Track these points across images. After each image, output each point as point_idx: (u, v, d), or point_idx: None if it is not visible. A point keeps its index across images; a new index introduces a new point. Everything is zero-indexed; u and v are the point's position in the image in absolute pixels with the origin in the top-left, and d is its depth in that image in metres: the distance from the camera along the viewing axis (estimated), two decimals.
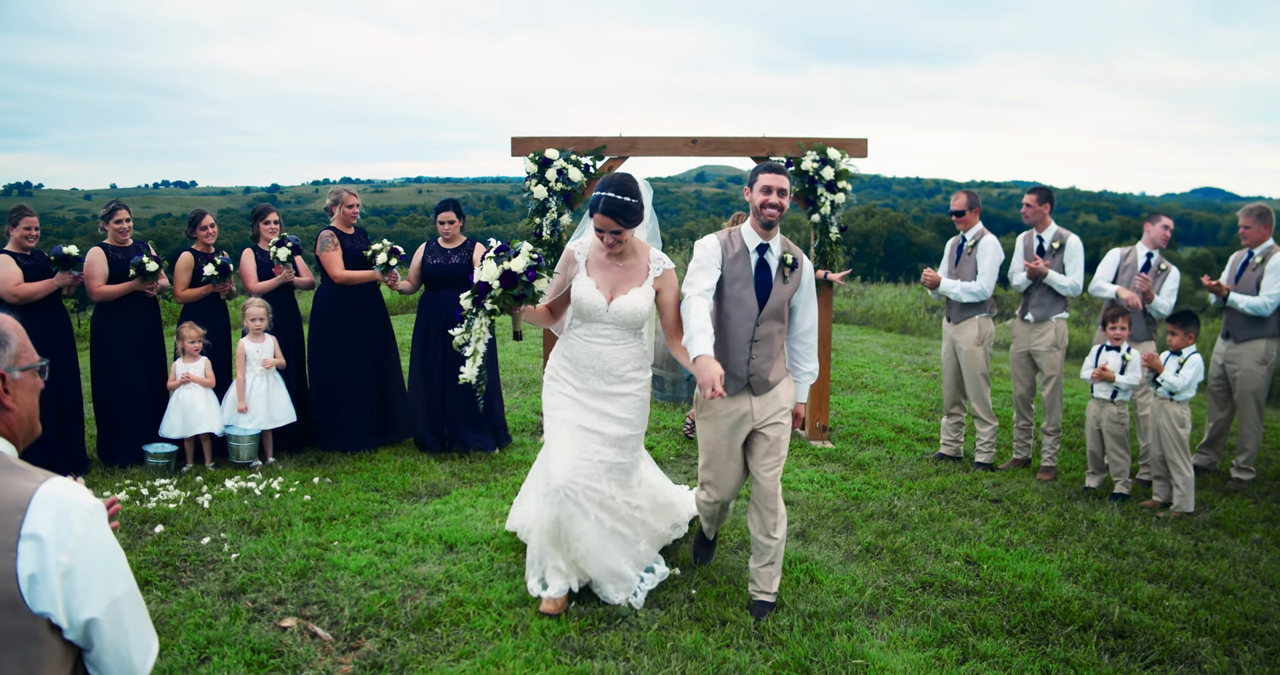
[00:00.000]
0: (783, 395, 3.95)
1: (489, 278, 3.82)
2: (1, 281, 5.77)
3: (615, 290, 3.89)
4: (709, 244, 3.86)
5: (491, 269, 3.83)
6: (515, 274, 3.80)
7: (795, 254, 3.91)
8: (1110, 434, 5.75)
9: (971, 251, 6.22)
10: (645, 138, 6.71)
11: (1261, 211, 6.13)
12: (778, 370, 3.95)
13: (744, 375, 3.87)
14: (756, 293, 3.83)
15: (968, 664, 3.50)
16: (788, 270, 3.86)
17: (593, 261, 3.94)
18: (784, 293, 3.87)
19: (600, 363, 3.93)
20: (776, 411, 3.91)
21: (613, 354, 3.94)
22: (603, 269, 3.92)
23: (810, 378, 4.11)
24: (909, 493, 5.68)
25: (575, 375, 3.98)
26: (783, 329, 3.95)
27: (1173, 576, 4.46)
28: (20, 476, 1.75)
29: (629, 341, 3.98)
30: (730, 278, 3.83)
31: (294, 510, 5.17)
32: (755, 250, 3.85)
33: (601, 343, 3.93)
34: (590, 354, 3.94)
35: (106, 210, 6.39)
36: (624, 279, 3.91)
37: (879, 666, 3.42)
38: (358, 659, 3.53)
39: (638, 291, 3.89)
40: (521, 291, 3.85)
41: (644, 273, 3.94)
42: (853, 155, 6.81)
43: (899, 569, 4.45)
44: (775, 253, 3.86)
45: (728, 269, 3.83)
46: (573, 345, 3.99)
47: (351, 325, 6.43)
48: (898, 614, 3.95)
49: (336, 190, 6.66)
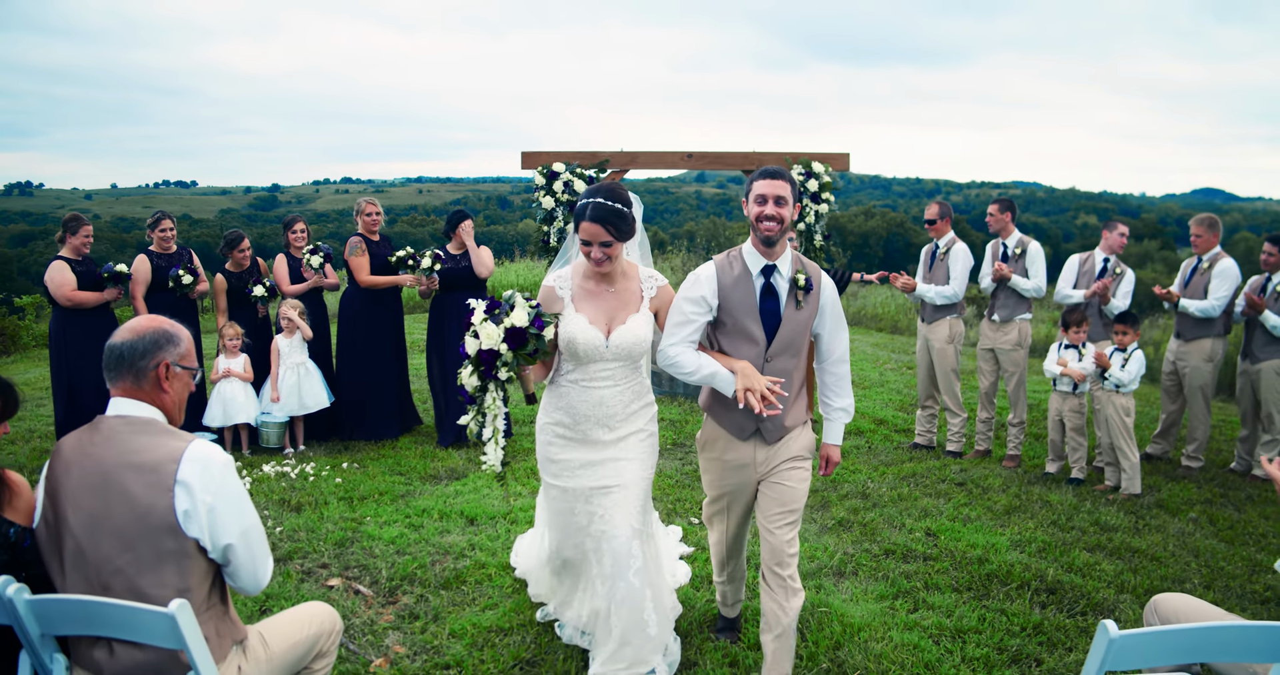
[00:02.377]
0: (796, 442, 3.40)
1: (493, 343, 3.24)
2: (57, 286, 6.37)
3: (612, 321, 3.38)
4: (703, 276, 3.29)
5: (493, 331, 3.25)
6: (522, 329, 3.24)
7: (811, 273, 3.34)
8: (1070, 424, 6.33)
9: (944, 257, 6.80)
10: (645, 152, 7.31)
11: (1211, 221, 6.71)
12: (796, 414, 3.39)
13: (753, 421, 3.32)
14: (764, 323, 3.27)
15: (917, 613, 4.10)
16: (801, 294, 3.28)
17: (579, 293, 3.40)
18: (798, 320, 3.30)
19: (603, 410, 3.42)
20: (787, 459, 3.36)
21: (615, 397, 3.42)
22: (592, 299, 3.39)
23: (844, 415, 3.49)
24: (882, 477, 6.27)
25: (572, 430, 3.46)
26: (801, 363, 3.38)
27: (1109, 547, 5.04)
28: (173, 438, 2.36)
29: (632, 378, 3.48)
30: (731, 307, 3.26)
31: (328, 491, 5.77)
32: (760, 273, 3.28)
33: (603, 386, 3.41)
34: (590, 402, 3.41)
35: (152, 219, 6.97)
36: (619, 305, 3.40)
37: (839, 614, 4.02)
38: (397, 610, 4.13)
39: (637, 318, 3.39)
40: (535, 347, 3.26)
41: (639, 296, 3.44)
42: (835, 168, 7.40)
43: (866, 539, 5.05)
44: (784, 274, 3.29)
45: (727, 297, 3.26)
46: (567, 394, 3.45)
47: (376, 324, 7.04)
48: (861, 575, 4.55)
49: (358, 200, 7.27)
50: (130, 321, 2.48)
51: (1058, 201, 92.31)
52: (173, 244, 6.94)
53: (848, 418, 3.52)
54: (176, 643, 2.21)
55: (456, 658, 3.66)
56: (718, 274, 3.29)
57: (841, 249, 29.34)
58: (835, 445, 3.52)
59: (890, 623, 3.98)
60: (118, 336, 2.42)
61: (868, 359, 11.20)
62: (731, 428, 3.37)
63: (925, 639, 3.84)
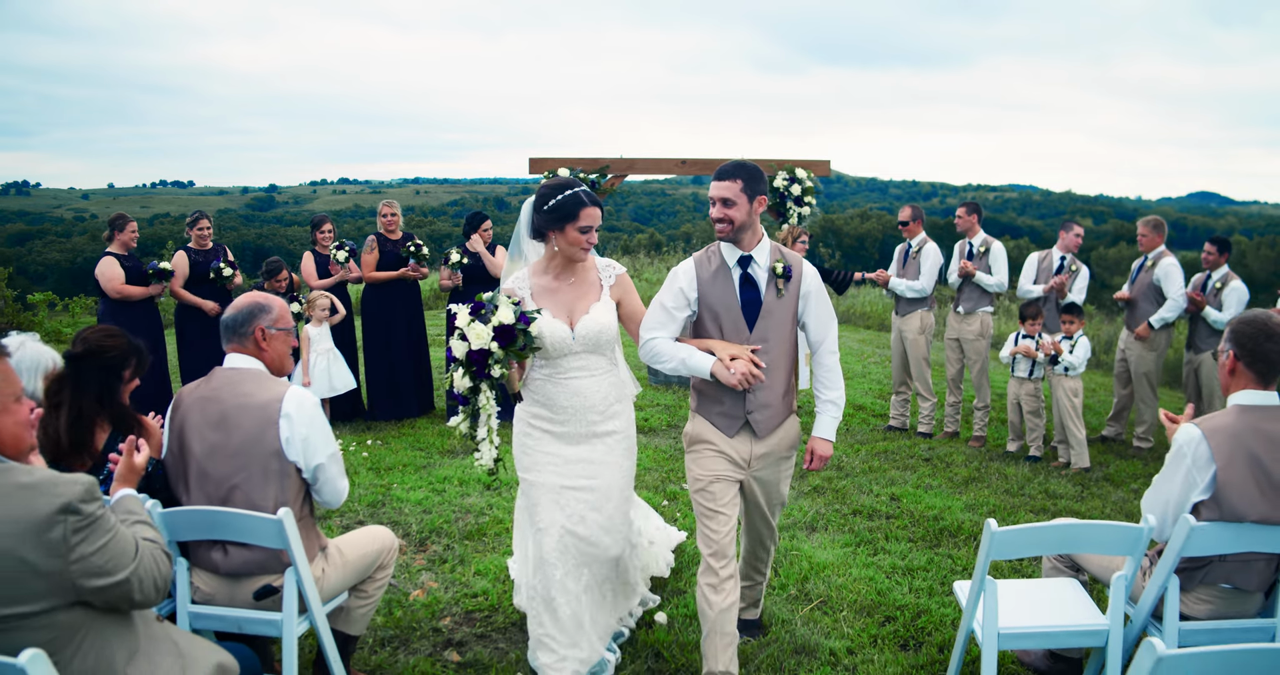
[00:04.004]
0: (785, 436, 3.47)
1: (483, 343, 3.30)
2: (108, 280, 7.02)
3: (573, 313, 3.47)
4: (682, 273, 3.38)
5: (482, 331, 3.30)
6: (510, 326, 3.31)
7: (790, 261, 3.39)
8: (1027, 407, 7.00)
9: (916, 256, 7.47)
10: (642, 159, 7.99)
11: (1156, 223, 7.38)
12: (786, 406, 3.45)
13: (741, 414, 3.36)
14: (744, 313, 3.32)
15: (876, 557, 4.77)
16: (781, 282, 3.33)
17: (538, 291, 3.50)
18: (780, 308, 3.35)
19: (581, 400, 3.48)
20: (776, 454, 3.45)
21: (592, 387, 3.49)
22: (551, 295, 3.49)
23: (833, 408, 3.45)
24: (856, 453, 6.93)
25: (555, 422, 3.51)
26: (789, 353, 3.42)
27: (1054, 510, 5.70)
28: (275, 383, 3.03)
29: (606, 370, 3.55)
30: (712, 300, 3.33)
31: (357, 463, 6.42)
32: (736, 264, 3.34)
33: (578, 376, 3.48)
34: (568, 392, 3.48)
35: (191, 219, 7.63)
36: (578, 296, 3.50)
37: (808, 556, 4.69)
38: (428, 556, 4.78)
39: (599, 307, 3.49)
40: (524, 343, 3.34)
41: (597, 285, 3.54)
42: (817, 173, 8.07)
43: (837, 502, 5.71)
44: (763, 264, 3.35)
45: (707, 291, 3.34)
46: (543, 389, 3.51)
47: (396, 314, 7.71)
48: (830, 529, 5.21)
49: (379, 203, 7.97)
50: (236, 299, 3.15)
51: (1053, 204, 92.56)
52: (209, 241, 7.60)
53: (838, 411, 3.45)
54: (281, 543, 2.87)
55: (483, 589, 4.32)
56: (696, 268, 3.37)
57: (837, 251, 30.01)
58: (824, 439, 3.43)
59: (851, 563, 4.66)
60: (227, 312, 3.10)
61: (852, 353, 11.87)
62: (720, 423, 3.37)
63: (880, 575, 4.51)
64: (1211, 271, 7.19)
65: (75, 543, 2.01)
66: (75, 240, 58.24)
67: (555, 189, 3.41)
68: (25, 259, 50.90)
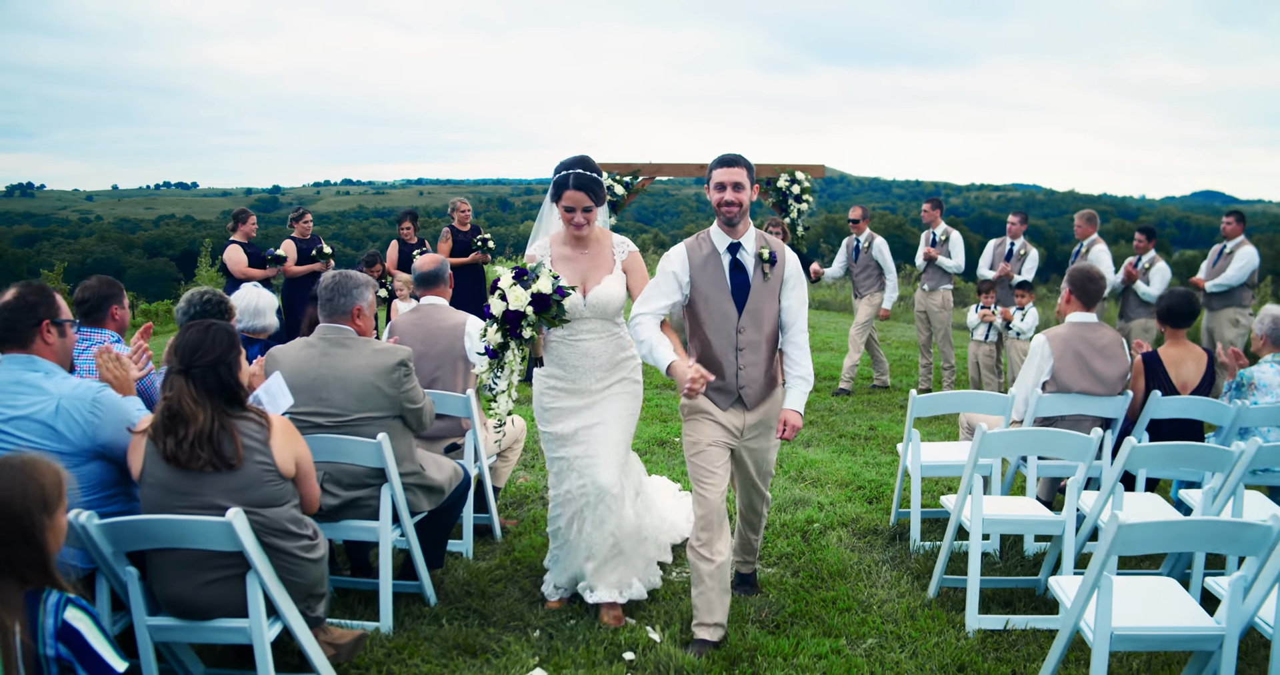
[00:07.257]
0: (775, 406, 3.75)
1: (520, 305, 3.61)
2: (235, 263, 8.66)
3: (587, 281, 3.81)
4: (675, 257, 3.67)
5: (521, 294, 3.61)
6: (546, 295, 3.61)
7: (774, 248, 3.66)
8: (983, 365, 8.62)
9: (867, 249, 9.01)
10: (669, 164, 9.66)
11: (1090, 216, 8.98)
12: (773, 380, 3.75)
13: (734, 388, 3.66)
14: (734, 296, 3.61)
15: (856, 459, 6.43)
16: (766, 267, 3.62)
17: (557, 259, 3.86)
18: (765, 292, 3.64)
19: (590, 360, 3.85)
20: (766, 423, 3.75)
21: (600, 348, 3.86)
22: (569, 263, 3.83)
23: (803, 383, 3.69)
24: (844, 402, 8.58)
25: (567, 379, 3.89)
26: (773, 332, 3.71)
27: None
28: (454, 313, 4.65)
29: (612, 333, 3.90)
30: (703, 284, 3.62)
31: None
32: (726, 251, 3.63)
33: (588, 339, 3.84)
34: (578, 353, 3.85)
35: (296, 214, 9.29)
36: (593, 267, 3.84)
37: (803, 456, 6.35)
38: (517, 469, 6.40)
39: (610, 279, 3.82)
40: (556, 313, 3.65)
41: (610, 259, 3.88)
42: (813, 176, 9.75)
43: (827, 429, 7.37)
44: (750, 250, 3.64)
45: (698, 275, 3.62)
46: (556, 350, 3.88)
47: (464, 294, 9.32)
48: (822, 443, 6.87)
49: (452, 201, 9.59)
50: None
51: (1057, 204, 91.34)
52: (309, 232, 9.25)
53: (807, 385, 3.69)
54: (466, 412, 4.48)
55: None
56: (688, 253, 3.65)
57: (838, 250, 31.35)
58: (795, 411, 3.64)
59: (836, 461, 6.32)
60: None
61: (845, 334, 13.51)
62: (716, 398, 3.67)
63: (855, 465, 6.18)
64: (1141, 255, 8.78)
65: (404, 382, 3.67)
66: (83, 242, 58.56)
67: (559, 168, 3.79)
68: (35, 261, 51.68)
